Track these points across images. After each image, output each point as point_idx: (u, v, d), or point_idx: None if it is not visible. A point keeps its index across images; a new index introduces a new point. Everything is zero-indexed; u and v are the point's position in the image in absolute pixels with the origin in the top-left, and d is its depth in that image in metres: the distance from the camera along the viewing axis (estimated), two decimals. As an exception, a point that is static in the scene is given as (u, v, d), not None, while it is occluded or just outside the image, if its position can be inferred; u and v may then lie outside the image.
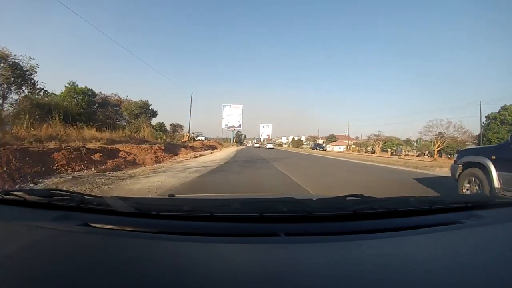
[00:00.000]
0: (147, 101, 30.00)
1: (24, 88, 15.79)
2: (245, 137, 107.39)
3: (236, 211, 0.85)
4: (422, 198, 1.07)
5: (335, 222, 0.87)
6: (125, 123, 24.27)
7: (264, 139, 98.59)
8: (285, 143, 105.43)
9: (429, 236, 0.83)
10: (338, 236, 0.81)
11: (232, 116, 79.22)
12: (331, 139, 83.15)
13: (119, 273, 0.58)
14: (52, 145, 8.07)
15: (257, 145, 77.82)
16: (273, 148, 53.73)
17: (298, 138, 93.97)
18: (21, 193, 0.98)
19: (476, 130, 37.85)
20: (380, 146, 47.93)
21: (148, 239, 0.75)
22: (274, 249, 0.72)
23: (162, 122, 31.59)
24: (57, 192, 0.98)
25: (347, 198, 0.95)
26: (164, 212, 0.86)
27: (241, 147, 51.47)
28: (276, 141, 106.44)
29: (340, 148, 70.39)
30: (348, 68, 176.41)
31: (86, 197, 0.94)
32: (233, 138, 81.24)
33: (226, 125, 79.18)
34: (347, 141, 72.81)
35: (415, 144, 51.39)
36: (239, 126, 79.77)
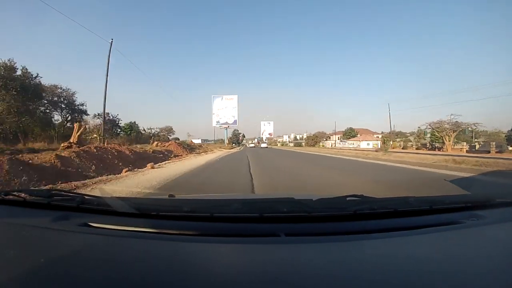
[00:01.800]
0: (9, 61, 13.05)
1: None
2: (243, 136, 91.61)
3: (236, 211, 0.85)
4: (422, 198, 1.05)
5: (335, 222, 0.87)
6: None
7: (266, 138, 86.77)
8: (288, 142, 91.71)
9: (430, 236, 0.82)
10: (338, 236, 0.80)
11: (224, 110, 61.92)
12: (349, 133, 65.03)
13: (119, 273, 0.58)
14: None
15: (252, 145, 71.60)
16: (267, 147, 51.10)
17: (314, 134, 72.32)
18: (21, 193, 0.99)
19: None
20: (450, 140, 29.97)
21: (148, 239, 0.75)
22: (274, 249, 0.71)
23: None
24: (57, 192, 0.99)
25: (347, 199, 0.94)
26: (164, 212, 0.86)
27: (233, 150, 33.64)
28: (278, 140, 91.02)
29: (368, 144, 52.17)
30: (346, 61, 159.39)
31: (86, 197, 0.94)
32: (227, 138, 63.80)
33: (218, 122, 61.86)
34: (377, 136, 54.78)
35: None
36: (234, 122, 62.17)
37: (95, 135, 13.92)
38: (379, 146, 52.70)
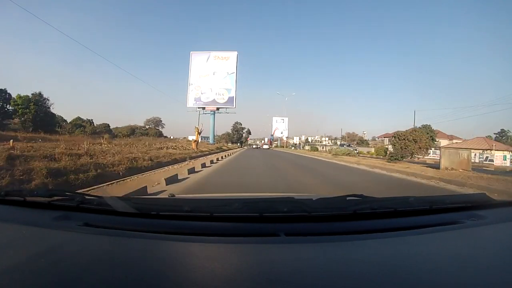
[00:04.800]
0: None
1: None
2: (248, 133, 64.95)
3: (236, 211, 0.85)
4: (422, 198, 1.04)
5: (335, 222, 0.87)
6: None
7: (278, 138, 68.14)
8: (298, 143, 70.88)
9: (429, 236, 0.82)
10: (338, 236, 0.80)
11: (211, 79, 33.72)
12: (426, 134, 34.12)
13: (119, 273, 0.58)
14: None
15: (255, 146, 63.76)
16: (268, 149, 45.55)
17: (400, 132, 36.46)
18: (21, 193, 0.99)
19: None
20: None
21: (148, 239, 0.75)
22: (274, 249, 0.71)
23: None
24: (57, 192, 0.98)
25: (347, 198, 0.93)
26: (164, 212, 0.86)
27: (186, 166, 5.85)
28: (291, 142, 67.35)
29: (505, 160, 22.23)
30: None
31: (86, 197, 0.94)
32: (213, 131, 35.53)
33: (198, 99, 33.85)
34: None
35: None
36: (230, 101, 33.91)
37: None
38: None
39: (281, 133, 64.81)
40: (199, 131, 21.78)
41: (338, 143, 64.80)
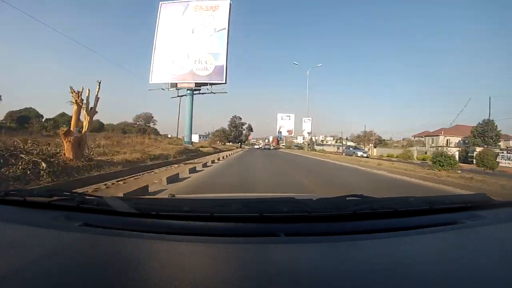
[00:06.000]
0: None
1: None
2: (249, 129, 54.65)
3: (236, 211, 0.85)
4: (422, 198, 1.05)
5: (335, 222, 0.87)
6: None
7: (284, 137, 63.45)
8: (301, 143, 59.09)
9: (429, 236, 0.83)
10: (338, 236, 0.81)
11: (188, 39, 22.34)
12: (483, 132, 23.28)
13: (119, 273, 0.59)
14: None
15: (256, 146, 58.25)
16: (269, 149, 42.27)
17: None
18: (21, 193, 1.00)
19: None
20: None
21: (148, 239, 0.75)
22: (274, 249, 0.72)
23: None
24: (57, 192, 0.99)
25: (347, 199, 0.94)
26: (164, 212, 0.87)
27: None
28: (295, 142, 61.21)
29: None
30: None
31: (86, 197, 0.95)
32: (191, 121, 23.66)
33: (166, 71, 22.43)
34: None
35: None
36: (217, 72, 21.92)
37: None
38: None
39: (287, 131, 59.35)
40: (79, 103, 6.54)
41: (345, 143, 53.44)
